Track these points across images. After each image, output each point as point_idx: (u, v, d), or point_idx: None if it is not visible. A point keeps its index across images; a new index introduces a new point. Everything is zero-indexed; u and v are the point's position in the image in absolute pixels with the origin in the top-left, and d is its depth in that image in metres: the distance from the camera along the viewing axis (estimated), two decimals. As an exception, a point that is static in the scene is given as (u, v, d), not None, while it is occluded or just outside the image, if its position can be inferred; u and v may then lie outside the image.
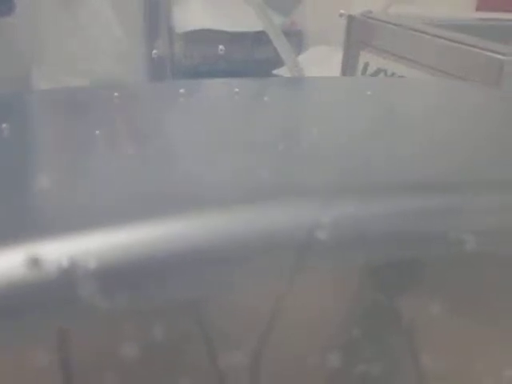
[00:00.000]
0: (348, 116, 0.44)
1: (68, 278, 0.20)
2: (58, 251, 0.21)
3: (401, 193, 0.28)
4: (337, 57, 0.96)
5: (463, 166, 0.32)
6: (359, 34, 0.89)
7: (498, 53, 0.68)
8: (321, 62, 1.18)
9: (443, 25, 0.81)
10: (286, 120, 0.44)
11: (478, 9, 0.99)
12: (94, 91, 0.51)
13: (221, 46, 1.31)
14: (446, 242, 0.26)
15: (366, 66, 0.84)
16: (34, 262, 0.19)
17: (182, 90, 0.46)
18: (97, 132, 0.35)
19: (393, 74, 0.79)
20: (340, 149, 0.36)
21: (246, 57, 1.41)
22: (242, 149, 0.33)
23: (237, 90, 0.48)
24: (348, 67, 0.88)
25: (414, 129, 0.41)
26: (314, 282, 0.26)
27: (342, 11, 0.57)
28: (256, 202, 0.26)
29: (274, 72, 1.25)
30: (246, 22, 1.25)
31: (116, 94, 0.42)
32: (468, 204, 0.27)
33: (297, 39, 1.44)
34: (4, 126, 0.34)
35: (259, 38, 1.33)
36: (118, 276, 0.22)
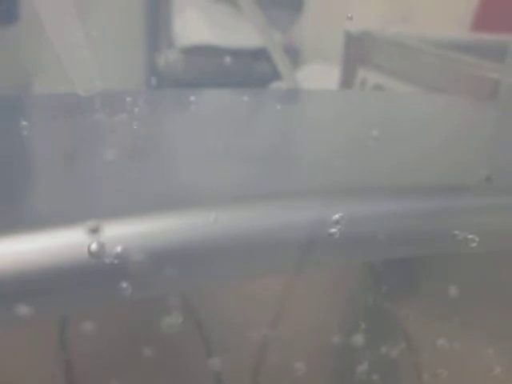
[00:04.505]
0: (348, 126, 0.46)
1: (97, 262, 0.21)
2: (83, 236, 0.22)
3: (404, 195, 0.30)
4: (333, 73, 0.98)
5: (460, 170, 0.34)
6: (357, 52, 0.91)
7: (492, 71, 0.70)
8: (318, 77, 1.20)
9: (439, 43, 0.83)
10: (290, 129, 0.45)
11: (473, 29, 1.02)
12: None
13: (220, 62, 1.34)
14: (449, 241, 0.27)
15: (364, 81, 0.87)
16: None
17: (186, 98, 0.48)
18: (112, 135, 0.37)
19: (390, 91, 0.81)
20: (344, 155, 0.37)
21: (245, 72, 1.44)
22: (257, 155, 0.35)
23: (237, 100, 0.50)
24: (346, 83, 0.90)
25: (412, 138, 0.43)
26: (325, 274, 0.27)
27: (349, 15, 0.58)
28: (271, 200, 0.27)
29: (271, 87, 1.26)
30: (246, 38, 1.27)
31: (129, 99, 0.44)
32: (469, 205, 0.28)
33: (293, 55, 1.46)
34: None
35: (258, 54, 1.36)
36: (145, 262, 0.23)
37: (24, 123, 0.35)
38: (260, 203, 0.28)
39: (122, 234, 0.22)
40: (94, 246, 0.21)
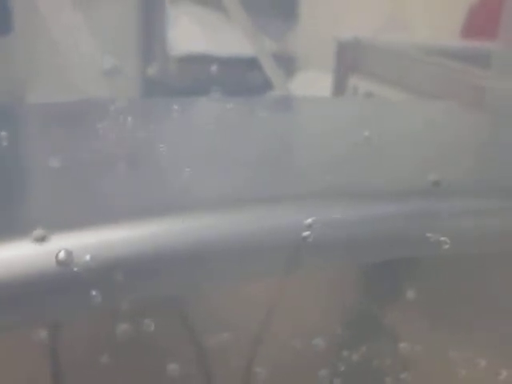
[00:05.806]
0: (334, 133, 0.46)
1: (65, 270, 0.21)
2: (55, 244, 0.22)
3: (380, 199, 0.30)
4: (326, 81, 0.98)
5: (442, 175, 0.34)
6: (349, 59, 0.91)
7: (481, 77, 0.71)
8: (310, 86, 1.21)
9: (429, 50, 0.84)
10: (275, 136, 0.45)
11: (462, 36, 1.02)
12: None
13: (213, 70, 1.34)
14: (425, 244, 0.27)
15: (356, 89, 0.87)
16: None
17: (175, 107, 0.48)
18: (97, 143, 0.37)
19: (381, 97, 0.82)
20: (327, 161, 0.37)
21: (238, 81, 1.44)
22: (241, 161, 0.35)
23: (231, 108, 0.50)
24: (338, 90, 0.91)
25: (396, 144, 0.43)
26: (304, 278, 0.27)
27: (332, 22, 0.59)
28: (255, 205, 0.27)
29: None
30: (240, 47, 1.28)
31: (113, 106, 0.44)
32: (444, 208, 0.28)
33: (286, 64, 1.46)
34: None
35: (251, 63, 1.36)
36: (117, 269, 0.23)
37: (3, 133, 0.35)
38: (240, 209, 0.28)
39: (92, 242, 0.22)
40: (61, 255, 0.21)
